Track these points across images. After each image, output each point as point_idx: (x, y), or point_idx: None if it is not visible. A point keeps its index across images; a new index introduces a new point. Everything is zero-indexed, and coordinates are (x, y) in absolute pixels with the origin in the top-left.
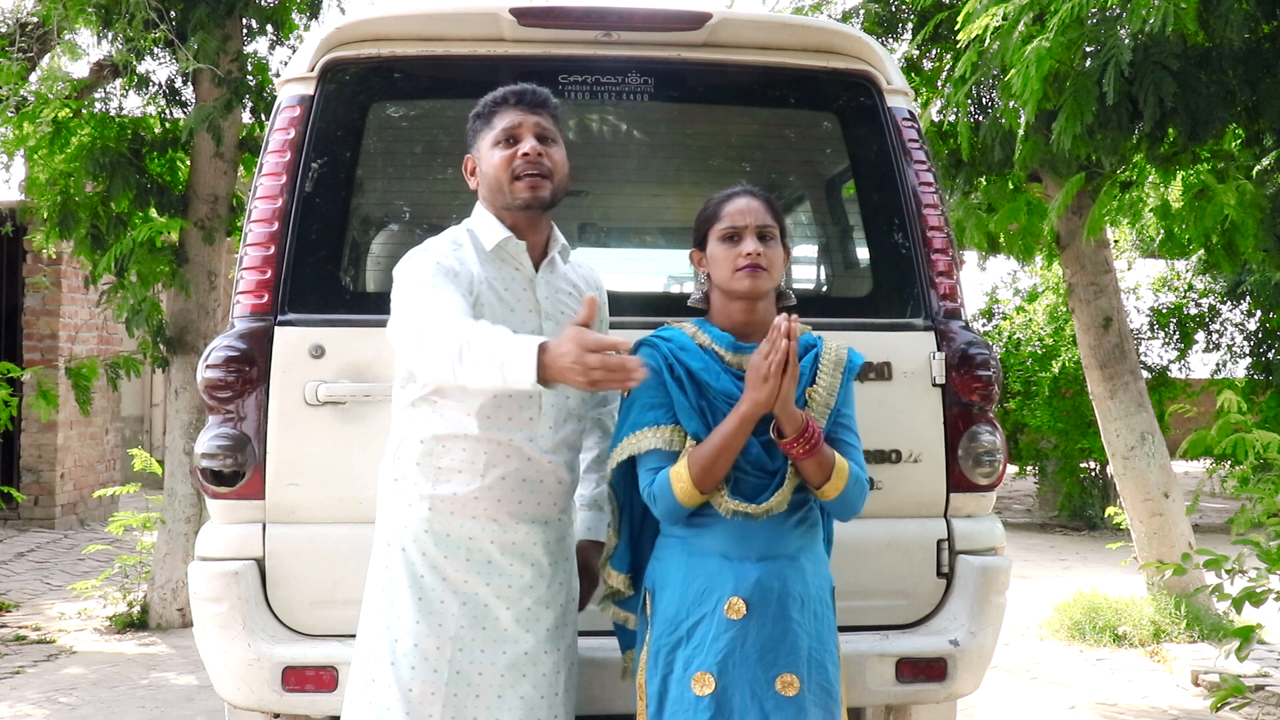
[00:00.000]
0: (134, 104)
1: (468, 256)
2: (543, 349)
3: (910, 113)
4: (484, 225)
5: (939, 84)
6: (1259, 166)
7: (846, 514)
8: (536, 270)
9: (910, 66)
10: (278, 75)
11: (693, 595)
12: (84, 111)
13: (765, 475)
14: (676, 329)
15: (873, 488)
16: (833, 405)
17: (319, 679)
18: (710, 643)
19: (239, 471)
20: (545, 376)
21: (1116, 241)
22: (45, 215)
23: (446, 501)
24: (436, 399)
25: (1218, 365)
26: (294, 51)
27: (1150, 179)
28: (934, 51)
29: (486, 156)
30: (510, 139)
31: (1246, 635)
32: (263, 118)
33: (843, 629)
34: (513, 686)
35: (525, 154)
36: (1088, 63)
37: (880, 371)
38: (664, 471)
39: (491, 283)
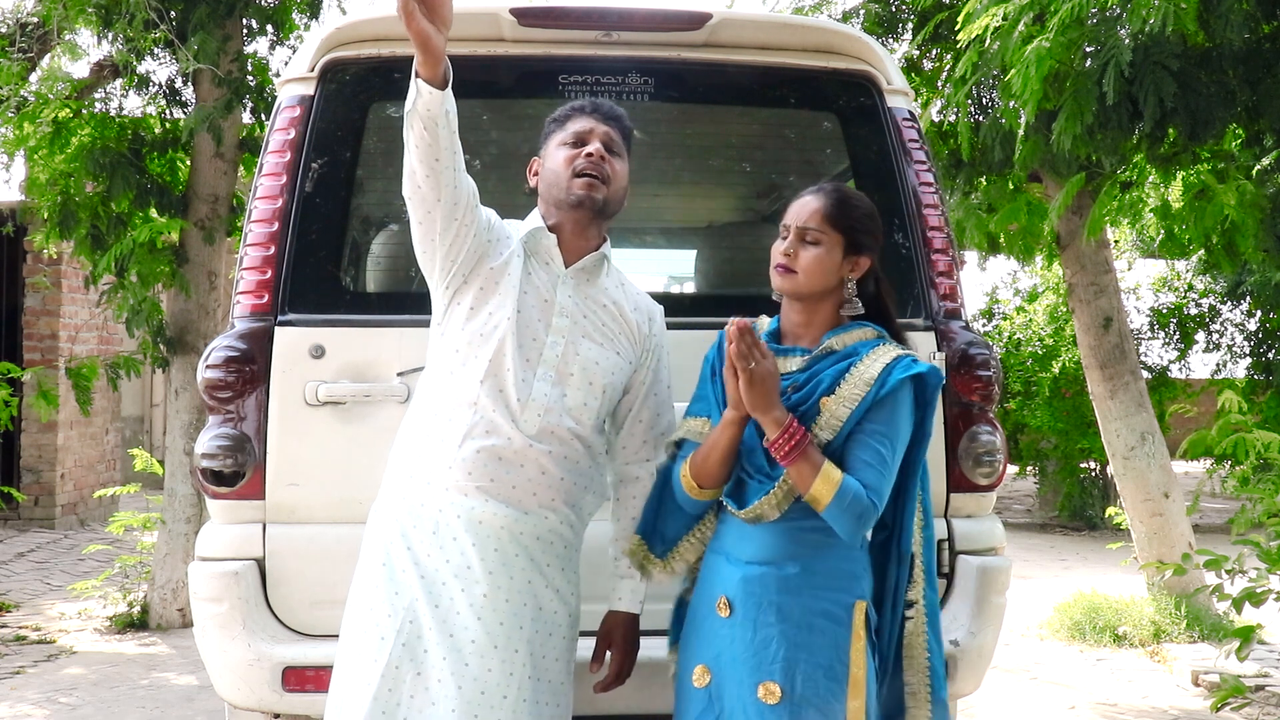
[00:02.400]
0: (134, 104)
1: (513, 237)
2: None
3: (910, 113)
4: (528, 219)
5: (939, 84)
6: (1259, 166)
7: (840, 530)
8: (568, 269)
9: (910, 66)
10: (278, 75)
11: (703, 589)
12: (84, 111)
13: (767, 480)
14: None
15: None
16: (846, 420)
17: (319, 679)
18: (708, 638)
19: (239, 471)
20: (425, 67)
21: (1116, 241)
22: (45, 215)
23: (424, 470)
24: (437, 364)
25: (1218, 365)
26: (294, 51)
27: (1150, 179)
28: (934, 51)
29: (552, 154)
30: (578, 141)
31: (1246, 635)
32: (263, 118)
33: None
34: (454, 674)
35: (589, 154)
36: (1088, 63)
37: None
38: (681, 462)
39: (514, 265)
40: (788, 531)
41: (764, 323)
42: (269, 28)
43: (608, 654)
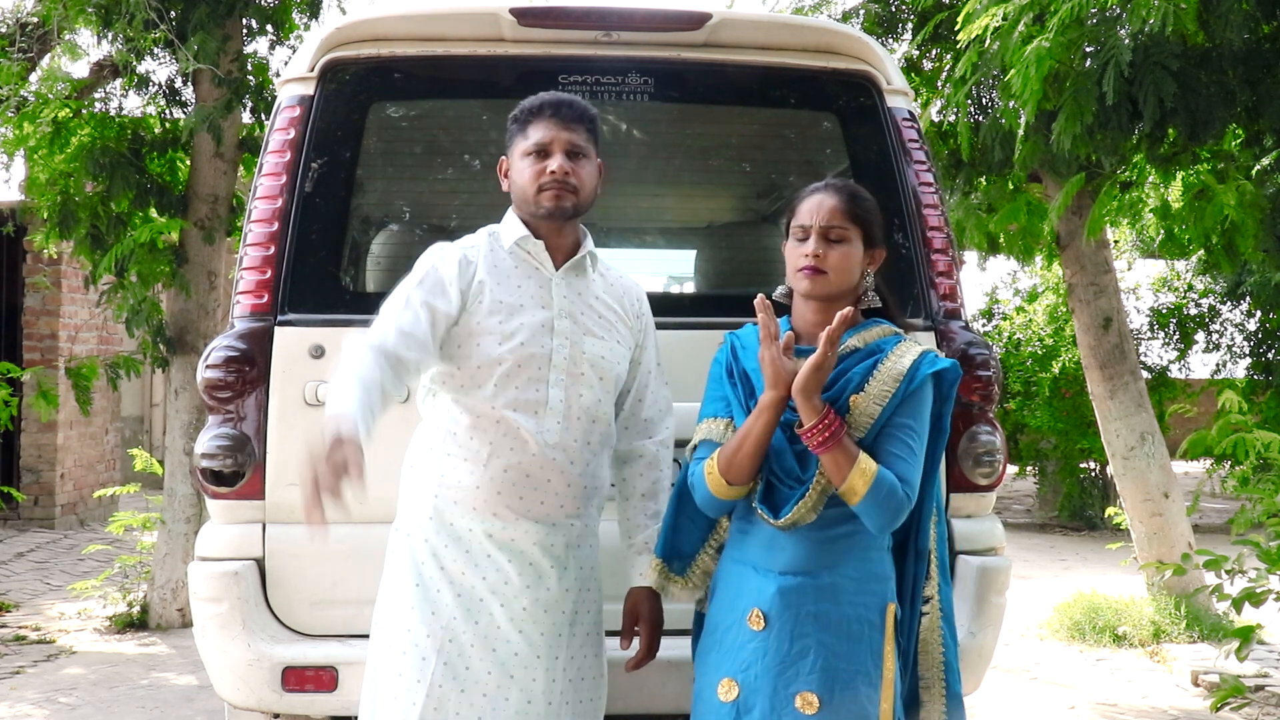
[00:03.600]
0: (134, 104)
1: (480, 256)
2: (337, 423)
3: (910, 113)
4: (507, 225)
5: (939, 84)
6: (1259, 166)
7: (873, 524)
8: (558, 271)
9: (910, 66)
10: (278, 75)
11: (727, 601)
12: (84, 111)
13: (798, 485)
14: (755, 326)
15: None
16: (878, 416)
17: (319, 679)
18: (736, 650)
19: (239, 471)
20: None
21: (1116, 241)
22: (45, 215)
23: (451, 490)
24: (447, 385)
25: (1218, 365)
26: (294, 51)
27: (1150, 179)
28: (934, 51)
29: (517, 165)
30: (541, 152)
31: (1246, 635)
32: (263, 118)
33: None
34: (499, 687)
35: (552, 171)
36: (1088, 63)
37: None
38: (703, 461)
39: (500, 282)
40: (819, 539)
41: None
42: (269, 28)
43: (635, 633)
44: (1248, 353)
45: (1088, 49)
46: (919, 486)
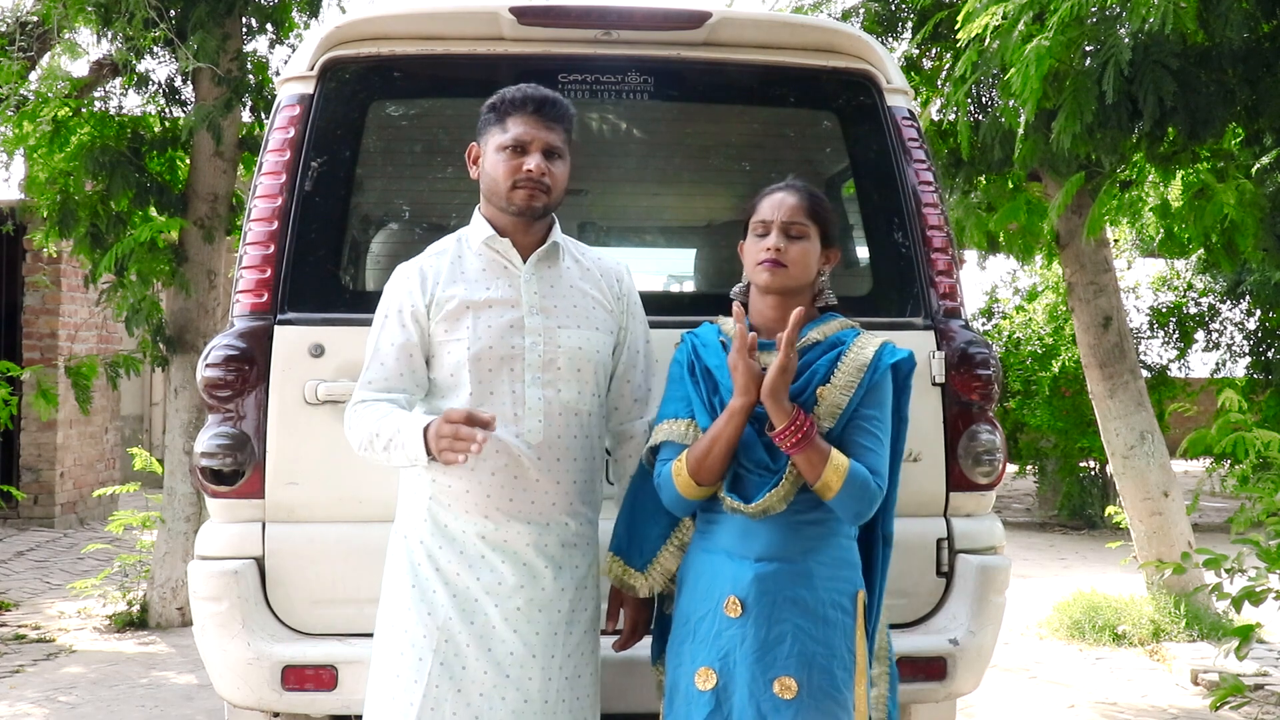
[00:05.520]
0: (134, 103)
1: (445, 263)
2: (427, 428)
3: (910, 112)
4: (475, 226)
5: (939, 83)
6: (1259, 165)
7: (848, 516)
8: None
9: (910, 66)
10: (278, 74)
11: (700, 591)
12: (84, 110)
13: (768, 474)
14: (712, 325)
15: None
16: (845, 406)
17: (319, 678)
18: (713, 639)
19: (239, 470)
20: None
21: (1116, 241)
22: (45, 214)
23: (444, 493)
24: (427, 394)
25: (1217, 365)
26: (294, 50)
27: (1150, 178)
28: (934, 51)
29: (491, 157)
30: (518, 147)
31: (1246, 634)
32: (262, 117)
33: None
34: (495, 687)
35: (529, 170)
36: (1087, 62)
37: None
38: (669, 463)
39: (467, 286)
40: (792, 526)
41: (727, 324)
42: (269, 26)
43: (621, 612)
44: (1247, 352)
45: (1087, 48)
46: (888, 475)
